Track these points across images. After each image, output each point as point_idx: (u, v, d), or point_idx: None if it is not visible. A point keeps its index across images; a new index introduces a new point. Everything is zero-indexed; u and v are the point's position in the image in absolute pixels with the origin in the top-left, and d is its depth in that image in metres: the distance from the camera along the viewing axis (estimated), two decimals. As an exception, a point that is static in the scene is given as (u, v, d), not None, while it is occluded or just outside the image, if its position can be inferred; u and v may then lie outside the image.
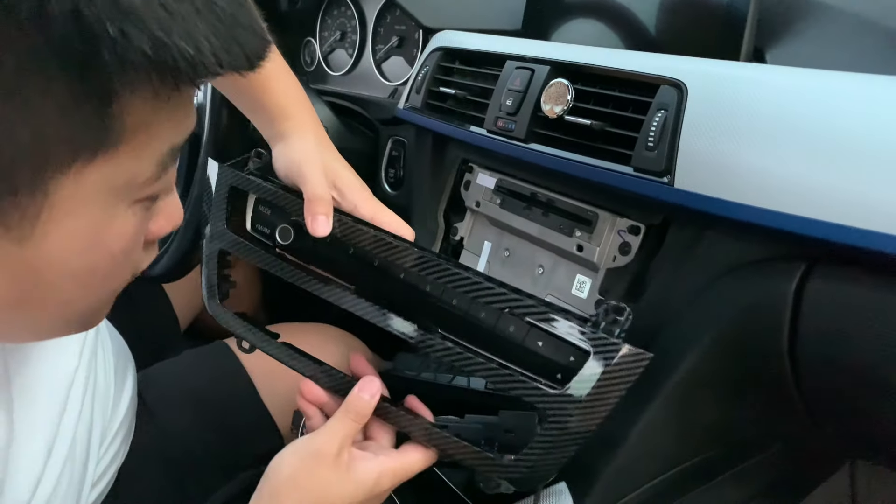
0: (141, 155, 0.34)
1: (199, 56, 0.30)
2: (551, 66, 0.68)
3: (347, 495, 0.48)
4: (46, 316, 0.39)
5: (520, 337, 0.49)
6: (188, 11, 0.30)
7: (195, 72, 0.30)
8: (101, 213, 0.34)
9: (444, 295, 0.52)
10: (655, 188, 0.56)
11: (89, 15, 0.27)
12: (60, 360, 0.54)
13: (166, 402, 0.74)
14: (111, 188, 0.34)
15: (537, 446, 0.48)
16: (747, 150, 0.51)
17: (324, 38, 1.18)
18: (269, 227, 0.59)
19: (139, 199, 0.36)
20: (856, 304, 0.47)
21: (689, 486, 0.62)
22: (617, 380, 0.45)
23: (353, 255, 0.56)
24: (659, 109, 0.57)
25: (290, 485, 0.48)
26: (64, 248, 0.34)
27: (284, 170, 0.58)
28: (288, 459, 0.49)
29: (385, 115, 0.96)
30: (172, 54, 0.29)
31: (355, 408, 0.50)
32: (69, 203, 0.32)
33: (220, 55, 0.31)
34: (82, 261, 0.36)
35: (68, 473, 0.54)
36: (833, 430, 0.55)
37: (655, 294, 0.60)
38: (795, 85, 0.51)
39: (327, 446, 0.48)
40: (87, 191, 0.33)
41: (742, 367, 0.54)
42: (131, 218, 0.37)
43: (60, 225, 0.33)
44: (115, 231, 0.36)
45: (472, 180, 0.81)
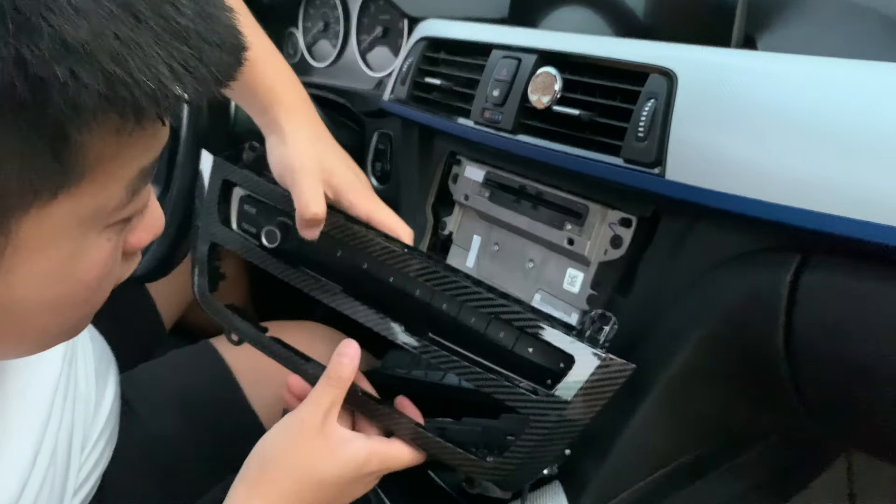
0: (107, 185, 0.32)
1: (160, 88, 0.28)
2: (538, 55, 0.66)
3: (335, 471, 0.48)
4: (25, 341, 0.38)
5: (509, 343, 0.49)
6: (146, 39, 0.28)
7: (158, 105, 0.28)
8: (71, 245, 0.33)
9: (433, 299, 0.52)
10: (646, 179, 0.55)
11: (33, 60, 0.25)
12: (42, 367, 0.53)
13: (151, 404, 0.73)
14: (78, 220, 0.32)
15: (520, 449, 0.48)
16: (739, 139, 0.50)
17: (307, 28, 1.16)
18: (255, 227, 0.58)
19: (110, 224, 0.34)
20: (852, 295, 0.46)
21: (685, 482, 0.61)
22: (600, 387, 0.47)
23: (340, 257, 0.55)
24: (648, 98, 0.55)
25: (280, 459, 0.47)
26: (33, 283, 0.33)
27: (278, 170, 0.56)
28: (274, 434, 0.48)
29: (370, 107, 0.94)
30: (131, 91, 0.27)
31: (336, 372, 0.50)
32: (34, 241, 0.31)
33: (186, 82, 0.29)
34: (55, 292, 0.34)
35: (49, 481, 0.53)
36: (829, 422, 0.54)
37: (648, 287, 0.59)
38: (788, 72, 0.50)
39: (311, 416, 0.48)
40: (51, 226, 0.31)
41: (736, 360, 0.53)
42: (104, 244, 0.35)
43: (27, 262, 0.31)
44: (87, 260, 0.34)
45: (461, 173, 0.80)
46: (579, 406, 0.47)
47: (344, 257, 0.55)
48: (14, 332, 0.35)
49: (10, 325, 0.34)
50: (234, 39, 0.32)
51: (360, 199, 0.55)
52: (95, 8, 0.26)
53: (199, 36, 0.30)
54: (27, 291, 0.33)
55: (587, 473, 0.57)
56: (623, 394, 0.58)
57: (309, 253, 0.56)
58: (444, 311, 0.51)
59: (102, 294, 0.38)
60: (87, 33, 0.26)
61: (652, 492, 0.59)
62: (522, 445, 0.48)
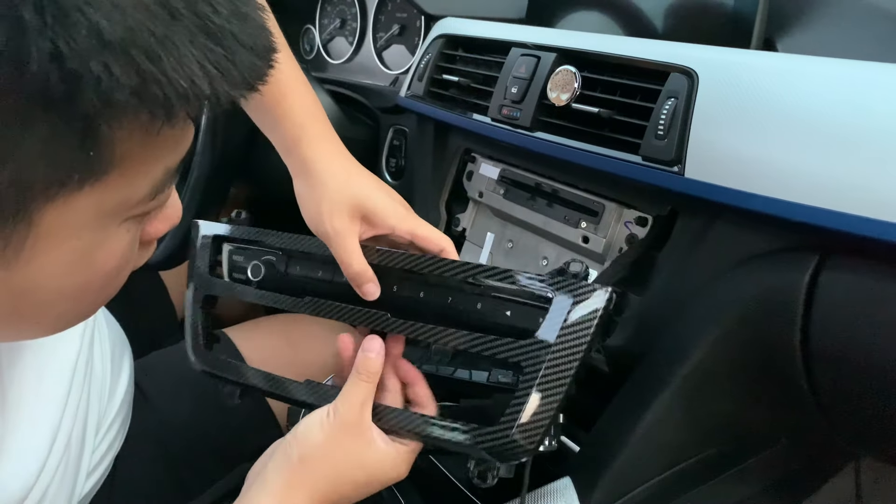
0: (132, 180, 0.32)
1: (192, 88, 0.28)
2: (558, 54, 0.66)
3: (368, 473, 0.49)
4: (41, 325, 0.38)
5: (491, 310, 0.50)
6: (181, 38, 0.27)
7: (189, 105, 0.28)
8: (92, 236, 0.33)
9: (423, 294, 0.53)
10: (665, 178, 0.55)
11: (69, 54, 0.25)
12: (60, 350, 0.54)
13: (164, 391, 0.73)
14: (101, 212, 0.32)
15: (516, 404, 0.46)
16: (760, 138, 0.50)
17: (323, 25, 1.16)
18: (244, 272, 0.60)
19: (131, 216, 0.35)
20: (869, 296, 0.46)
21: (695, 482, 0.61)
22: (584, 317, 0.46)
23: (319, 278, 0.57)
24: (669, 97, 0.56)
25: (320, 452, 0.48)
26: (53, 272, 0.33)
27: (312, 220, 0.56)
28: (317, 427, 0.49)
29: (386, 103, 0.95)
30: (163, 89, 0.27)
31: (365, 368, 0.51)
32: (56, 230, 0.31)
33: (217, 84, 0.29)
34: (73, 281, 0.35)
35: (64, 462, 0.53)
36: (842, 424, 0.54)
37: (664, 286, 0.59)
38: (808, 73, 0.50)
39: (350, 415, 0.49)
40: (74, 218, 0.31)
41: (752, 360, 0.53)
42: (124, 235, 0.35)
43: (48, 251, 0.32)
44: (107, 250, 0.35)
45: (475, 170, 0.80)
46: (567, 342, 0.46)
47: (322, 279, 0.57)
48: (31, 317, 0.36)
49: (27, 310, 0.35)
50: (265, 41, 0.32)
51: (399, 221, 0.56)
52: (133, 3, 0.26)
53: (234, 37, 0.29)
54: (46, 279, 0.33)
55: (598, 470, 0.57)
56: (637, 391, 0.59)
57: (292, 281, 0.58)
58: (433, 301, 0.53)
59: (119, 281, 0.39)
60: (123, 29, 0.26)
61: (662, 491, 0.59)
62: (517, 401, 0.46)
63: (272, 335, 0.82)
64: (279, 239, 0.58)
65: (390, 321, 0.52)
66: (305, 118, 0.58)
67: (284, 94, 0.58)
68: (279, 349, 0.80)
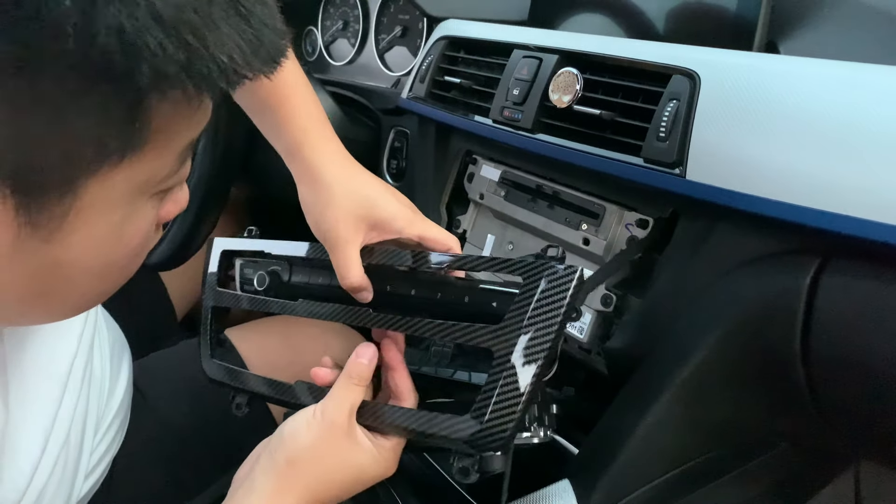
0: (163, 153, 0.34)
1: (231, 63, 0.30)
2: (560, 56, 0.66)
3: (359, 472, 0.49)
4: (66, 304, 0.39)
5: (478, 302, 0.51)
6: (218, 16, 0.30)
7: (227, 80, 0.31)
8: (124, 211, 0.35)
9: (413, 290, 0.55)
10: (666, 179, 0.55)
11: (132, 30, 0.27)
12: (59, 346, 0.54)
13: (163, 392, 0.73)
14: (135, 186, 0.34)
15: (488, 390, 0.45)
16: (762, 141, 0.50)
17: (326, 27, 1.16)
18: (251, 283, 0.62)
19: (156, 193, 0.37)
20: (870, 300, 0.46)
21: (695, 486, 0.60)
22: (551, 298, 0.46)
23: (321, 282, 0.59)
24: (671, 99, 0.56)
25: (308, 455, 0.48)
26: (88, 245, 0.35)
27: (317, 226, 0.56)
28: (304, 429, 0.49)
29: (388, 104, 0.95)
30: (206, 64, 0.30)
31: (357, 372, 0.51)
32: (96, 204, 0.33)
33: (250, 60, 0.32)
34: (103, 256, 0.36)
35: (62, 462, 0.53)
36: (842, 427, 0.54)
37: (664, 289, 0.59)
38: (811, 75, 0.50)
39: (339, 416, 0.49)
40: (112, 191, 0.33)
41: (752, 363, 0.53)
42: (149, 211, 0.37)
43: (86, 224, 0.34)
44: (135, 226, 0.37)
45: (476, 172, 0.80)
46: (537, 323, 0.45)
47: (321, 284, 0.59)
48: (59, 294, 0.37)
49: (57, 286, 0.36)
50: (281, 25, 0.35)
51: (407, 224, 0.56)
52: None
53: (259, 18, 0.32)
54: (80, 254, 0.35)
55: (597, 473, 0.57)
56: (636, 393, 0.58)
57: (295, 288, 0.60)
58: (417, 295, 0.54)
59: (138, 262, 0.41)
60: (173, 7, 0.28)
61: (661, 494, 0.58)
62: (491, 383, 0.46)
63: (271, 336, 0.82)
64: (286, 248, 0.60)
65: (374, 317, 0.53)
66: (308, 122, 0.58)
67: (287, 96, 0.58)
68: (278, 350, 0.80)
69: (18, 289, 0.35)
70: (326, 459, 0.48)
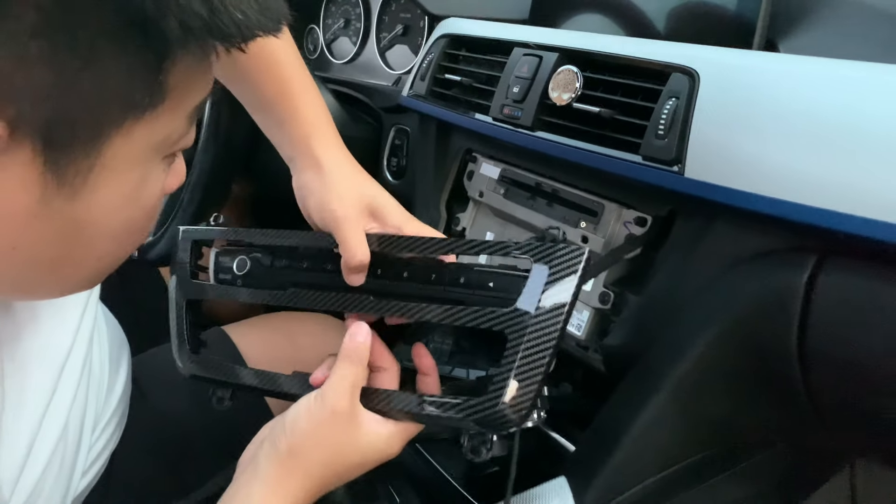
0: (177, 112, 0.36)
1: (245, 20, 0.33)
2: (560, 53, 0.67)
3: (361, 458, 0.49)
4: (76, 272, 0.41)
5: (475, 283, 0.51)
6: None
7: (242, 36, 0.33)
8: (142, 170, 0.37)
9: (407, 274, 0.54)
10: (665, 177, 0.55)
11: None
12: (54, 337, 0.53)
13: (161, 386, 0.73)
14: (152, 145, 0.36)
15: (503, 371, 0.46)
16: (760, 138, 0.50)
17: (327, 25, 1.17)
18: (229, 272, 0.60)
19: (167, 155, 0.39)
20: (868, 298, 0.46)
21: (691, 483, 0.61)
22: (561, 277, 0.46)
23: (307, 268, 0.58)
24: (670, 97, 0.56)
25: (310, 442, 0.48)
26: (109, 204, 0.36)
27: (319, 215, 0.57)
28: (305, 416, 0.49)
29: (388, 102, 0.95)
30: (223, 19, 0.32)
31: (354, 352, 0.50)
32: (118, 160, 0.35)
33: (261, 19, 0.34)
34: (122, 216, 0.38)
35: (59, 459, 0.53)
36: (838, 426, 0.54)
37: (661, 286, 0.59)
38: (810, 74, 0.50)
39: (339, 401, 0.48)
40: (133, 148, 0.35)
41: (749, 361, 0.53)
42: (161, 173, 0.39)
43: (109, 182, 0.35)
44: (151, 186, 0.39)
45: (476, 170, 0.80)
46: (548, 310, 0.45)
47: (309, 268, 0.57)
48: (77, 258, 0.39)
49: (76, 249, 0.38)
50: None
51: (405, 221, 0.57)
52: None
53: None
54: (101, 214, 0.37)
55: (593, 470, 0.57)
56: (633, 391, 0.59)
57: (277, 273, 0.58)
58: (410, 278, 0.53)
59: (149, 227, 0.43)
60: None
61: (658, 491, 0.58)
62: (504, 369, 0.46)
63: (270, 332, 0.82)
64: (262, 236, 0.58)
65: (372, 303, 0.52)
66: (316, 118, 0.60)
67: (295, 93, 0.59)
68: (278, 346, 0.80)
69: (38, 251, 0.36)
70: (328, 445, 0.48)
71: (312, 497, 0.48)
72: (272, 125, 0.61)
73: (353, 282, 0.54)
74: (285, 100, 0.59)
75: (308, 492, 0.48)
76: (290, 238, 0.58)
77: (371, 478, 0.56)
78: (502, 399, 0.45)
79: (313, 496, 0.48)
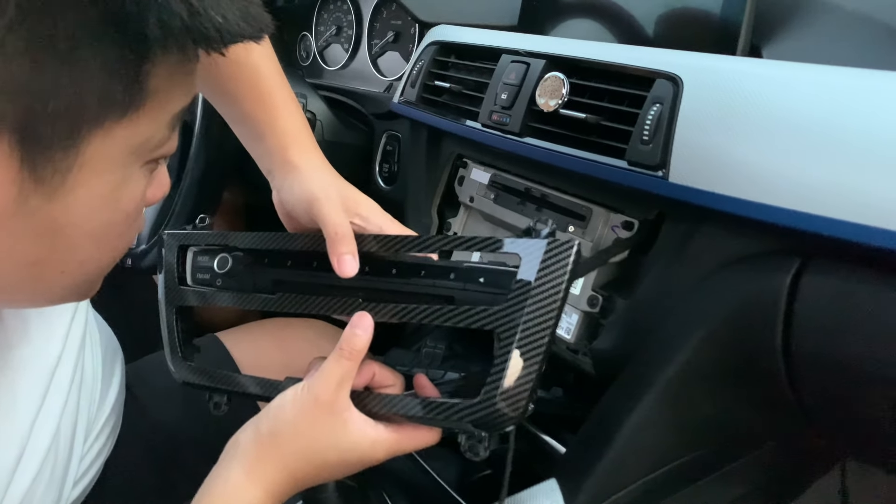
0: (158, 117, 0.36)
1: (226, 24, 0.33)
2: (547, 60, 0.67)
3: (341, 453, 0.47)
4: (60, 277, 0.40)
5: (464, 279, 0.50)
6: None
7: (222, 39, 0.33)
8: (121, 173, 0.37)
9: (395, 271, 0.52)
10: (650, 182, 0.56)
11: None
12: (44, 345, 0.53)
13: (155, 393, 0.73)
14: (131, 148, 0.36)
15: (497, 370, 0.45)
16: (743, 143, 0.51)
17: (319, 32, 1.17)
18: (208, 271, 0.59)
19: (149, 161, 0.39)
20: (851, 300, 0.46)
21: (681, 484, 0.61)
22: (552, 270, 0.45)
23: (290, 266, 0.56)
24: (654, 103, 0.56)
25: (290, 429, 0.47)
26: (87, 205, 0.36)
27: (296, 204, 0.57)
28: (290, 403, 0.48)
29: (380, 109, 0.95)
30: (204, 22, 0.32)
31: (349, 345, 0.48)
32: (96, 161, 0.34)
33: (241, 25, 0.34)
34: (101, 219, 0.38)
35: (49, 468, 0.53)
36: (825, 426, 0.55)
37: (649, 289, 0.60)
38: (792, 79, 0.51)
39: (324, 391, 0.47)
40: (112, 150, 0.35)
41: (736, 362, 0.53)
42: (142, 179, 0.39)
43: (87, 182, 0.35)
44: (130, 191, 0.38)
45: (467, 175, 0.81)
46: (539, 301, 0.45)
47: (293, 265, 0.56)
48: (54, 261, 0.38)
49: (55, 251, 0.37)
50: (262, 6, 0.38)
51: (387, 222, 0.57)
52: None
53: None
54: (79, 215, 0.36)
55: (584, 472, 0.57)
56: (622, 392, 0.59)
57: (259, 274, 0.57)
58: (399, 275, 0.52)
59: (131, 234, 0.42)
60: None
61: (648, 493, 0.59)
62: (497, 368, 0.45)
63: (264, 339, 0.83)
64: (246, 239, 0.57)
65: (360, 305, 0.51)
66: (295, 131, 0.60)
67: (274, 106, 0.60)
68: (271, 353, 0.80)
69: (17, 253, 0.36)
70: (308, 436, 0.47)
71: (286, 488, 0.47)
72: (251, 138, 0.61)
73: (343, 269, 0.51)
74: (264, 113, 0.59)
75: (282, 481, 0.47)
76: (276, 241, 0.56)
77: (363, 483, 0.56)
78: (497, 399, 0.45)
79: (288, 487, 0.47)
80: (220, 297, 0.57)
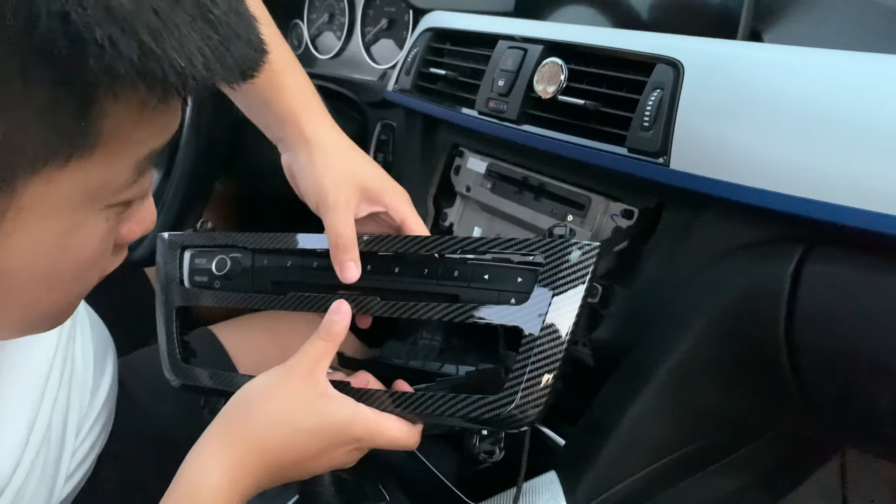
0: (116, 161, 0.32)
1: (189, 69, 0.29)
2: (544, 46, 0.66)
3: (312, 422, 0.46)
4: (8, 317, 0.37)
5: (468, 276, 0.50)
6: (182, 20, 0.29)
7: (184, 84, 0.29)
8: (72, 218, 0.33)
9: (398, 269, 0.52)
10: (650, 169, 0.55)
11: (77, 19, 0.26)
12: (36, 348, 0.53)
13: (148, 388, 0.72)
14: (83, 193, 0.33)
15: (519, 369, 0.45)
16: (745, 129, 0.50)
17: (311, 20, 1.16)
18: (207, 274, 0.58)
19: (112, 205, 0.35)
20: (853, 286, 0.46)
21: (682, 476, 0.61)
22: (575, 273, 0.46)
23: (289, 267, 0.56)
24: (654, 89, 0.55)
25: (258, 398, 0.47)
26: (30, 250, 0.33)
27: (307, 191, 0.56)
28: (262, 377, 0.48)
29: (374, 97, 0.94)
30: (161, 66, 0.28)
31: (327, 329, 0.49)
32: (38, 206, 0.31)
33: (213, 67, 0.30)
34: (48, 265, 0.34)
35: (41, 463, 0.52)
36: (827, 415, 0.54)
37: (649, 278, 0.59)
38: (793, 63, 0.50)
39: (298, 364, 0.48)
40: (57, 195, 0.31)
41: (737, 351, 0.53)
42: (102, 223, 0.35)
43: (27, 226, 0.32)
44: (84, 236, 0.35)
45: (463, 165, 0.79)
46: (564, 301, 0.46)
47: (293, 267, 0.55)
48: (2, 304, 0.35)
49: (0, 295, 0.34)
50: (258, 39, 0.34)
51: (397, 201, 0.56)
52: None
53: (229, 27, 0.31)
54: (22, 260, 0.33)
55: (583, 464, 0.57)
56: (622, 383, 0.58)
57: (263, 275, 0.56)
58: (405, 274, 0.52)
59: (90, 279, 0.39)
60: (131, 3, 0.27)
61: (648, 484, 0.58)
62: (519, 366, 0.45)
63: (258, 332, 0.82)
64: (252, 240, 0.57)
65: (368, 302, 0.51)
66: (302, 95, 0.58)
67: (279, 70, 0.57)
68: (266, 346, 0.79)
69: None
70: (275, 404, 0.46)
71: (254, 458, 0.46)
72: (257, 106, 0.59)
73: (345, 275, 0.51)
74: (269, 77, 0.56)
75: (249, 451, 0.46)
76: (281, 241, 0.56)
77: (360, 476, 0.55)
78: (518, 398, 0.45)
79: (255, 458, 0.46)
80: (223, 298, 0.57)
